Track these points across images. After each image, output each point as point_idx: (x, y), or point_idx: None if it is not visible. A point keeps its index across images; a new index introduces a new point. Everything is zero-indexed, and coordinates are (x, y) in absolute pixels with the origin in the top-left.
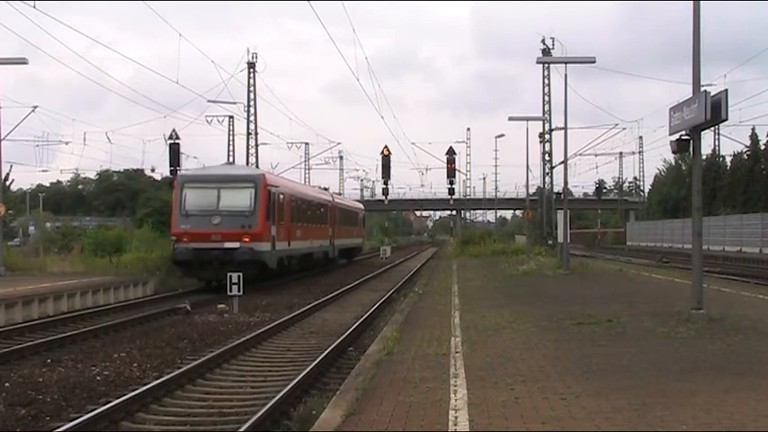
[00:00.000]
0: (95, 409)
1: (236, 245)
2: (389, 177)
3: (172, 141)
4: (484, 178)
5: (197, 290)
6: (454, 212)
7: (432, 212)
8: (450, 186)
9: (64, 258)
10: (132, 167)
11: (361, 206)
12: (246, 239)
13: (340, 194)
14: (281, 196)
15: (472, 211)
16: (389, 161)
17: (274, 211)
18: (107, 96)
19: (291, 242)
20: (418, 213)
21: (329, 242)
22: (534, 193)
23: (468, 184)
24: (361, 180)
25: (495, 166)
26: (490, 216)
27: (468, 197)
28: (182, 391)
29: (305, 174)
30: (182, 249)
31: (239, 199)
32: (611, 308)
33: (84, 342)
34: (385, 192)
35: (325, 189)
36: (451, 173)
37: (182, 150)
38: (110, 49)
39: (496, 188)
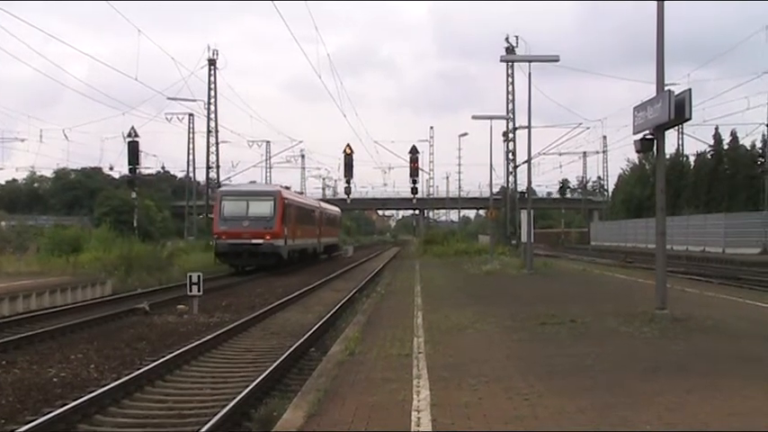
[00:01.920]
0: (51, 412)
1: (260, 241)
2: (352, 176)
3: (131, 139)
4: (447, 177)
5: (156, 290)
6: (417, 212)
7: (394, 212)
8: (413, 185)
9: (19, 258)
10: (90, 165)
11: (338, 210)
12: (268, 237)
13: (319, 199)
14: (290, 205)
15: (435, 211)
16: (352, 160)
17: (286, 216)
18: (64, 93)
19: (295, 240)
20: (381, 213)
21: (317, 240)
22: (498, 192)
23: (432, 184)
24: (323, 179)
25: (459, 165)
26: (453, 216)
27: (431, 196)
28: (141, 393)
29: (266, 173)
30: (222, 245)
31: (263, 208)
32: (575, 308)
33: (41, 343)
34: (347, 191)
35: (291, 190)
36: (414, 172)
37: (141, 148)
38: (66, 44)
39: (460, 187)
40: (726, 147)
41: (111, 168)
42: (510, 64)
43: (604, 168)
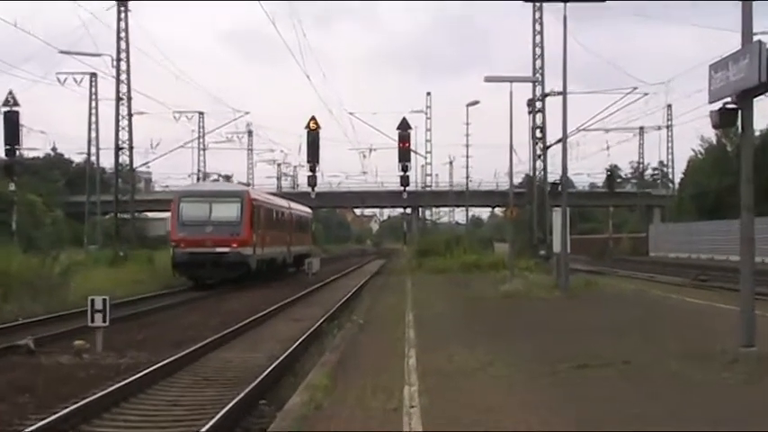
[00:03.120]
0: None
1: (226, 249)
2: (318, 161)
3: (8, 109)
4: (450, 162)
5: (44, 320)
6: (409, 210)
7: (377, 211)
8: (403, 174)
9: None
10: None
11: (309, 210)
12: (235, 245)
13: (287, 198)
14: (260, 207)
15: (434, 209)
16: (318, 138)
17: (255, 221)
18: None
19: (265, 248)
20: (358, 212)
21: (287, 249)
22: (521, 183)
23: (429, 171)
24: (278, 165)
25: (467, 146)
26: (459, 216)
27: (428, 188)
28: None
29: (198, 154)
30: (180, 254)
31: (228, 211)
32: (628, 345)
33: None
34: (312, 182)
35: (233, 179)
36: (405, 155)
37: (22, 122)
38: None
39: (468, 177)
40: None
41: None
42: (537, 4)
43: (668, 150)
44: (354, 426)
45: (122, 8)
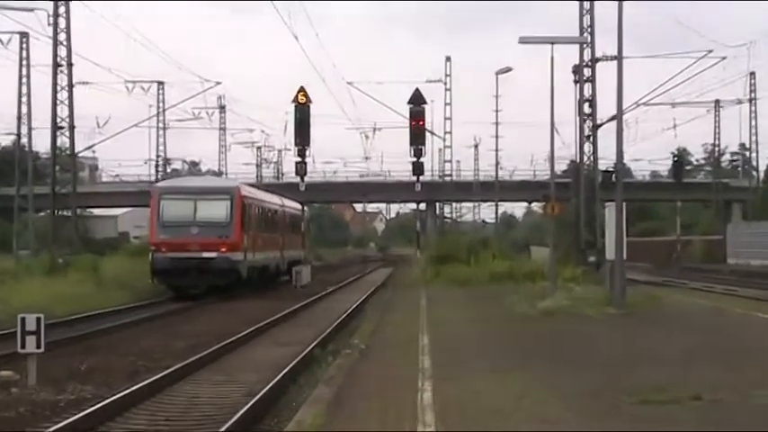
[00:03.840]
0: None
1: (213, 254)
2: (308, 144)
3: None
4: (476, 146)
5: None
6: (423, 206)
7: (383, 206)
8: (415, 160)
9: None
10: None
11: (300, 207)
12: (224, 249)
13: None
14: (251, 206)
15: (455, 205)
16: (308, 115)
17: (247, 221)
18: None
19: (256, 253)
20: (359, 208)
21: (280, 254)
22: (564, 171)
23: (449, 157)
24: (258, 148)
25: (497, 124)
26: (487, 213)
27: (447, 178)
28: None
29: (158, 136)
30: (160, 259)
31: (216, 210)
32: (701, 375)
33: None
34: (301, 170)
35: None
36: (419, 136)
37: None
38: None
39: (498, 164)
40: None
41: None
42: None
43: (752, 130)
44: None
45: None
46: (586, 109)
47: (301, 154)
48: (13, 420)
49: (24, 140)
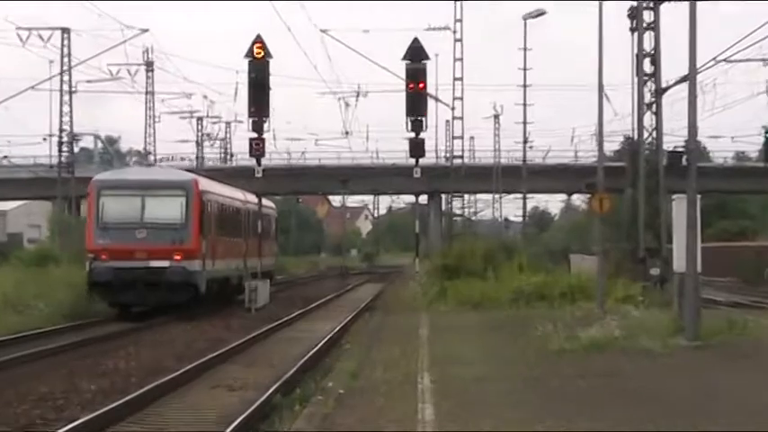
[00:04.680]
0: None
1: (165, 263)
2: (267, 115)
3: None
4: (496, 116)
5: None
6: (424, 199)
7: (370, 200)
8: (414, 137)
9: None
10: None
11: (272, 206)
12: (178, 257)
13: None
14: (211, 203)
15: (469, 197)
16: (267, 76)
17: (206, 222)
18: None
19: (216, 261)
20: (336, 202)
21: (243, 263)
22: (617, 152)
23: (460, 132)
24: (199, 119)
25: (525, 87)
26: (512, 208)
27: (457, 161)
28: None
29: (61, 102)
30: (99, 269)
31: (169, 208)
32: None
33: None
34: (257, 149)
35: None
36: (418, 104)
37: None
38: None
39: (527, 142)
40: None
41: None
42: None
43: None
44: None
45: None
46: (647, 67)
47: (258, 128)
48: None
49: None
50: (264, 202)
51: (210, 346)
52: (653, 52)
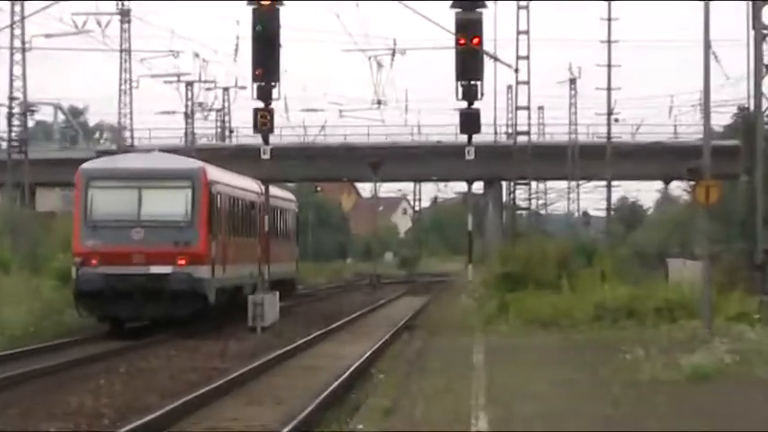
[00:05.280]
0: None
1: (167, 269)
2: (277, 79)
3: None
4: (572, 82)
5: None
6: (479, 187)
7: (409, 188)
8: (466, 108)
9: None
10: None
11: (291, 197)
12: (182, 261)
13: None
14: (220, 197)
15: (537, 185)
16: (277, 29)
17: (215, 220)
18: None
19: (227, 267)
20: (366, 191)
21: (257, 269)
22: (728, 127)
23: (525, 102)
24: (188, 85)
25: (609, 43)
26: (592, 200)
27: (521, 138)
28: None
29: (11, 62)
30: (88, 276)
31: (171, 203)
32: None
33: None
34: (264, 124)
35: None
36: (471, 65)
37: None
38: None
39: (611, 114)
40: None
41: None
42: None
43: None
44: None
45: None
46: None
47: (264, 95)
48: None
49: None
50: (281, 193)
51: (203, 376)
52: None
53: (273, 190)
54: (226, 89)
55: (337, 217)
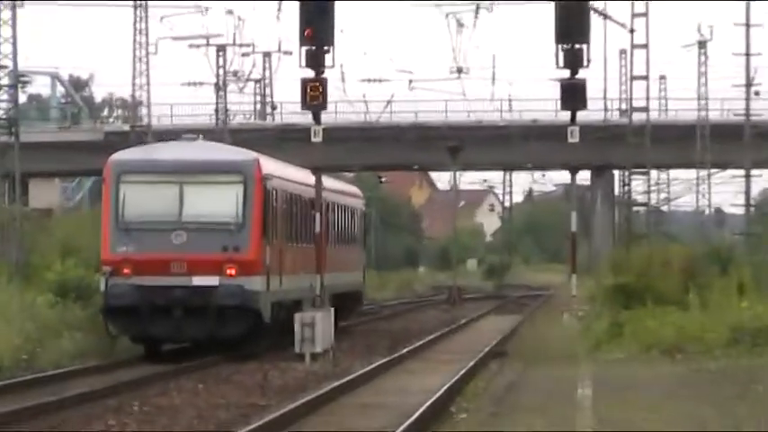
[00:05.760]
0: None
1: (213, 280)
2: (332, 43)
3: None
4: (702, 44)
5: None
6: (586, 178)
7: (497, 178)
8: (567, 79)
9: None
10: None
11: (357, 192)
12: (232, 271)
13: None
14: (277, 193)
15: (659, 174)
16: None
17: (270, 223)
18: None
19: (284, 277)
20: (442, 182)
21: (319, 279)
22: None
23: (643, 70)
24: (221, 50)
25: None
26: (727, 191)
27: (638, 116)
28: None
29: None
30: (120, 289)
31: (219, 202)
32: None
33: None
34: (314, 99)
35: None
36: (572, 26)
37: None
38: None
39: (751, 85)
40: None
41: None
42: None
43: None
44: None
45: None
46: None
47: (315, 62)
48: None
49: None
50: (346, 187)
51: (236, 416)
52: None
53: (335, 183)
54: (266, 54)
55: (407, 215)
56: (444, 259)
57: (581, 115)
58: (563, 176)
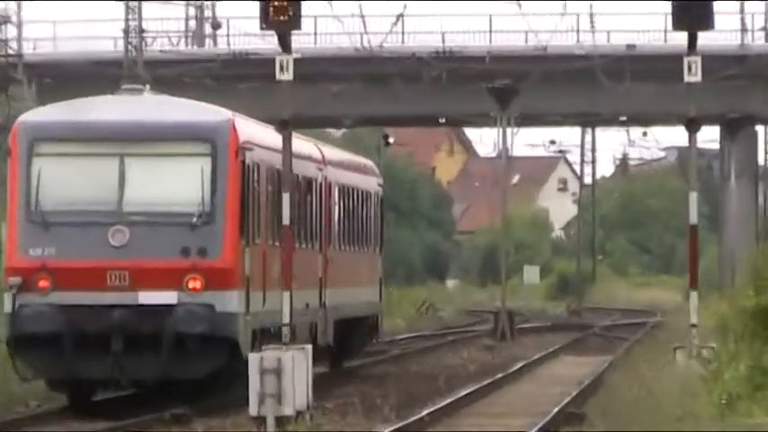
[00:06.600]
0: None
1: (169, 298)
2: None
3: None
4: None
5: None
6: (715, 137)
7: (571, 141)
8: None
9: None
10: None
11: (370, 165)
12: (196, 283)
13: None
14: (258, 170)
15: None
16: None
17: (252, 211)
18: None
19: (269, 292)
20: (485, 145)
21: (318, 297)
22: None
23: None
24: None
25: None
26: None
27: None
28: None
29: None
30: (35, 309)
31: (177, 183)
32: None
33: None
34: (279, 19)
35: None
36: None
37: None
38: None
39: None
40: None
41: None
42: None
43: None
44: None
45: None
46: None
47: None
48: None
49: None
50: (353, 159)
51: None
52: None
53: (337, 153)
54: None
55: (428, 197)
56: (488, 267)
57: (704, 40)
58: (676, 135)
